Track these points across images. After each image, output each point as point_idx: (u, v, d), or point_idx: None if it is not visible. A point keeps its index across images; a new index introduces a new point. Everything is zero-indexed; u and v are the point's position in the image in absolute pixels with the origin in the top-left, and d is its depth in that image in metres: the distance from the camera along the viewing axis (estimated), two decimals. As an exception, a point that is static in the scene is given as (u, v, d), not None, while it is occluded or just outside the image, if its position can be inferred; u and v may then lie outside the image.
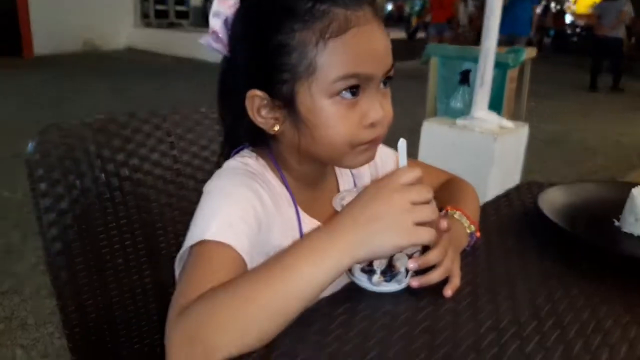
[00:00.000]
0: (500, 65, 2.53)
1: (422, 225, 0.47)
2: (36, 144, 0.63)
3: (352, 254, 0.46)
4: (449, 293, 0.53)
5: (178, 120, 0.78)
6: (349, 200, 0.50)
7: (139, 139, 0.73)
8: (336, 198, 0.55)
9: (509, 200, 0.84)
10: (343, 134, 0.54)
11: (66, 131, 0.66)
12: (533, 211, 0.73)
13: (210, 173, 0.59)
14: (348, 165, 0.63)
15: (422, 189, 0.47)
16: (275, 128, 0.57)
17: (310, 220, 0.61)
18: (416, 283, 0.53)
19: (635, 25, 7.27)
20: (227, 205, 0.53)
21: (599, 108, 5.60)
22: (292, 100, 0.54)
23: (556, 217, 0.69)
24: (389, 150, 0.72)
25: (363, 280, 0.54)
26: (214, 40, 0.59)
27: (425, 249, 0.53)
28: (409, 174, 0.47)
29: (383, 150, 0.70)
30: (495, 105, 2.26)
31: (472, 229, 0.64)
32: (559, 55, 10.65)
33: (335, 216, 0.48)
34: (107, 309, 0.70)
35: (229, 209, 0.53)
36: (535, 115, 4.75)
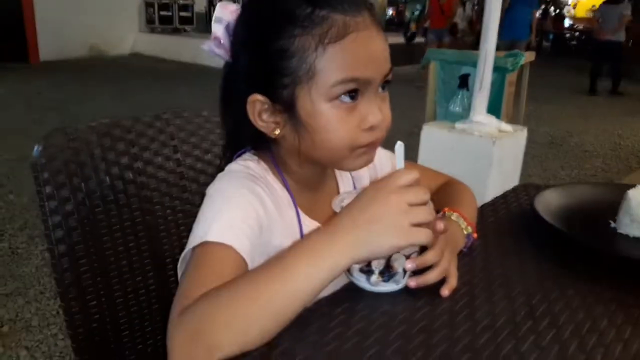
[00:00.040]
0: (499, 69, 2.54)
1: (419, 226, 0.48)
2: (42, 148, 0.64)
3: (351, 254, 0.47)
4: (446, 293, 0.54)
5: (181, 124, 0.79)
6: (348, 202, 0.50)
7: (143, 143, 0.74)
8: (335, 200, 0.55)
9: (506, 202, 0.84)
10: (342, 137, 0.55)
11: (71, 135, 0.67)
12: (529, 213, 0.73)
13: (212, 176, 0.60)
14: (348, 168, 0.64)
15: (419, 190, 0.48)
16: (276, 132, 0.57)
17: (310, 222, 0.62)
18: (414, 283, 0.54)
19: (632, 28, 7.25)
20: (229, 207, 0.54)
21: (598, 112, 5.59)
22: (293, 105, 0.55)
23: (552, 219, 0.70)
24: (388, 153, 0.72)
25: (361, 281, 0.55)
26: (216, 46, 0.59)
27: (423, 249, 0.54)
28: (406, 176, 0.48)
29: (382, 153, 0.70)
30: (494, 109, 2.27)
31: (469, 230, 0.65)
32: (558, 59, 10.64)
33: (334, 217, 0.49)
34: (111, 310, 0.70)
35: (230, 211, 0.54)
36: (534, 118, 4.76)
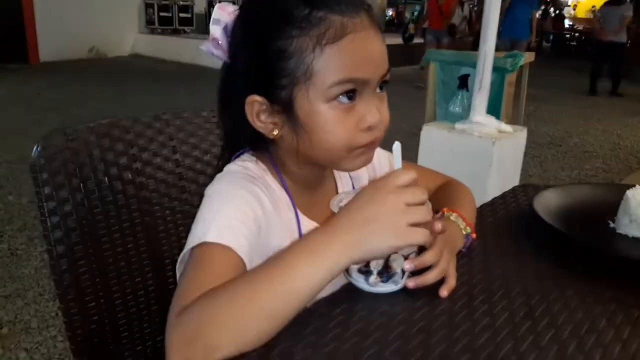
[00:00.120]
0: (499, 70, 2.54)
1: (417, 226, 0.48)
2: (41, 149, 0.64)
3: (349, 254, 0.47)
4: (444, 293, 0.54)
5: (181, 124, 0.79)
6: (346, 202, 0.50)
7: (142, 143, 0.74)
8: (334, 200, 0.55)
9: (505, 202, 0.84)
10: (340, 137, 0.55)
11: (70, 136, 0.67)
12: (528, 213, 0.73)
13: (211, 177, 0.60)
14: (346, 169, 0.64)
15: (417, 190, 0.48)
16: (275, 132, 0.57)
17: (309, 223, 0.62)
18: (412, 284, 0.54)
19: (632, 29, 7.25)
20: (228, 208, 0.54)
21: (598, 112, 5.59)
22: (291, 105, 0.55)
23: (551, 219, 0.70)
24: (387, 153, 0.72)
25: (360, 281, 0.55)
26: (214, 46, 0.59)
27: (422, 250, 0.54)
28: (404, 176, 0.48)
29: (380, 153, 0.70)
30: (494, 109, 2.27)
31: (468, 230, 0.65)
32: (558, 60, 10.65)
33: (332, 217, 0.49)
34: (110, 311, 0.70)
35: (229, 212, 0.54)
36: (534, 119, 4.76)
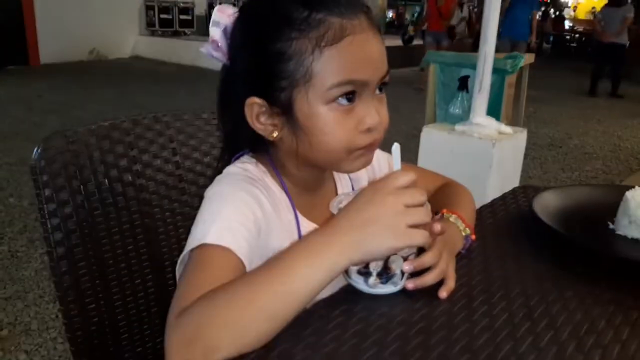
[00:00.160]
0: (499, 71, 2.55)
1: (416, 227, 0.48)
2: (41, 151, 0.64)
3: (348, 255, 0.47)
4: (444, 295, 0.54)
5: (181, 126, 0.79)
6: (345, 203, 0.50)
7: (142, 146, 0.74)
8: (333, 201, 0.55)
9: (505, 204, 0.84)
10: (340, 139, 0.55)
11: (70, 138, 0.67)
12: (528, 214, 0.73)
13: (211, 179, 0.60)
14: (346, 170, 0.64)
15: (416, 192, 0.48)
16: (274, 134, 0.58)
17: (309, 225, 0.62)
18: (411, 285, 0.54)
19: (633, 30, 7.25)
20: (227, 210, 0.54)
21: (598, 113, 5.59)
22: (290, 107, 0.55)
23: (551, 220, 0.70)
24: (386, 155, 0.73)
25: (359, 282, 0.55)
26: (214, 49, 0.60)
27: (421, 251, 0.54)
28: (403, 177, 0.48)
29: (380, 155, 0.71)
30: (494, 111, 2.27)
31: (468, 232, 0.65)
32: (558, 61, 10.66)
33: (332, 219, 0.49)
34: (110, 312, 0.70)
35: (228, 214, 0.54)
36: (534, 120, 4.76)
